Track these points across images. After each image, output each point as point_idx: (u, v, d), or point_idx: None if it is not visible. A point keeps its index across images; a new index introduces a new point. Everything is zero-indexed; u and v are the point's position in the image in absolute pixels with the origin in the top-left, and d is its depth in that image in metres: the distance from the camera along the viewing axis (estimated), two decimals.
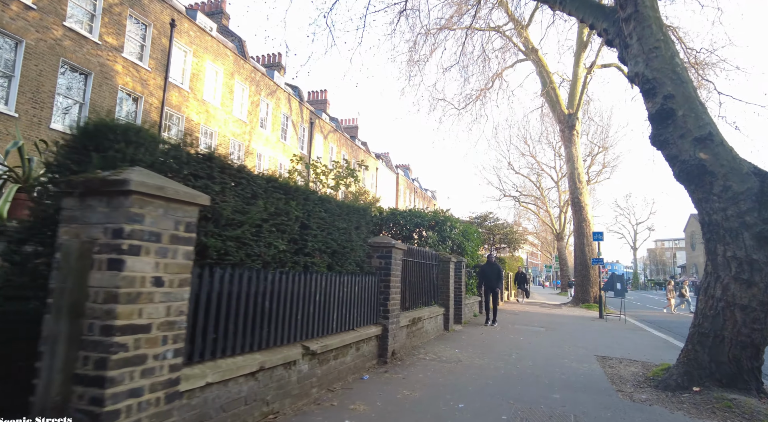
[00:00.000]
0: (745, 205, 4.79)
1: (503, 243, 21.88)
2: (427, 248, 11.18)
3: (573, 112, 21.56)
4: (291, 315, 3.81)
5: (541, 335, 9.64)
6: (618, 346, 8.54)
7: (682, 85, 5.21)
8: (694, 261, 72.49)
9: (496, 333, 9.39)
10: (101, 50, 12.93)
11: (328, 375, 4.34)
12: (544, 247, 64.13)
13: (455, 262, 10.05)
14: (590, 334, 10.34)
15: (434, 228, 11.28)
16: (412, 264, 7.43)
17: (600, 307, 15.28)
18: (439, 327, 8.79)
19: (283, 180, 4.16)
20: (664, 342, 9.74)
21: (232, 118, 18.84)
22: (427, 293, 8.46)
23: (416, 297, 7.75)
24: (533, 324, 11.91)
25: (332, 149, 28.02)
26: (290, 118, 23.46)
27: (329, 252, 4.66)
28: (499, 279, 10.56)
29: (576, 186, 20.87)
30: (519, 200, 43.33)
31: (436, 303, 8.93)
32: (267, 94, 21.40)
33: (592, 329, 11.53)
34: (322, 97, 31.69)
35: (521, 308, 17.59)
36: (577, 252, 20.66)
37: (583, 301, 19.92)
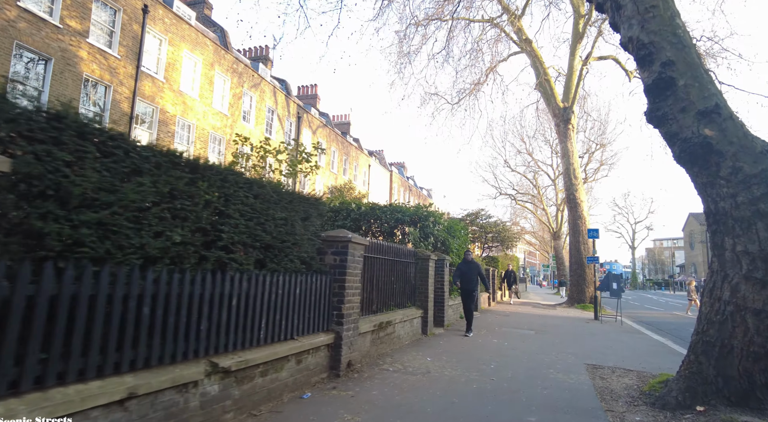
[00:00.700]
0: (759, 190, 4.01)
1: (496, 241, 21.10)
2: (409, 245, 10.42)
3: (568, 105, 20.80)
4: (190, 325, 3.02)
5: (528, 339, 8.85)
6: (611, 352, 7.77)
7: (684, 49, 4.43)
8: (692, 261, 71.89)
9: (479, 338, 8.60)
10: (63, 35, 12.11)
11: (252, 395, 3.55)
12: (541, 247, 63.45)
13: (436, 260, 9.27)
14: (583, 338, 9.56)
15: (416, 223, 10.50)
16: (381, 262, 6.65)
17: (595, 308, 14.52)
18: (416, 331, 8.00)
19: (193, 157, 3.37)
20: (662, 347, 8.97)
21: (211, 110, 18.03)
22: (401, 294, 7.68)
23: (387, 298, 6.96)
24: (522, 326, 11.13)
25: (321, 145, 27.18)
26: (276, 112, 22.66)
27: (260, 247, 3.87)
28: (476, 281, 9.29)
29: (571, 182, 20.11)
30: (515, 198, 42.61)
31: (413, 305, 8.14)
32: (250, 86, 20.59)
33: (586, 332, 10.76)
34: (312, 92, 30.88)
35: (513, 309, 16.82)
36: (572, 250, 19.89)
37: (579, 301, 19.15)
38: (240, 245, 3.64)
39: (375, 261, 6.41)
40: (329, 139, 28.10)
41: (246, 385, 3.48)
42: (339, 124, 35.41)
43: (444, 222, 11.20)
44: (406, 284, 7.92)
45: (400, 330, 7.13)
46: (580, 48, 21.76)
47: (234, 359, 3.32)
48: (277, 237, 4.05)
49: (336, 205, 10.79)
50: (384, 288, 6.79)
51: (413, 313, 7.80)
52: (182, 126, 16.77)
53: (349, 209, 10.64)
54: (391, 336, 6.69)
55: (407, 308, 7.84)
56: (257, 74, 21.05)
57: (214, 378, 3.14)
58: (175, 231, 2.99)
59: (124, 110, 14.17)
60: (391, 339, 6.69)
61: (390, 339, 6.63)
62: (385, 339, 6.44)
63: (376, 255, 6.43)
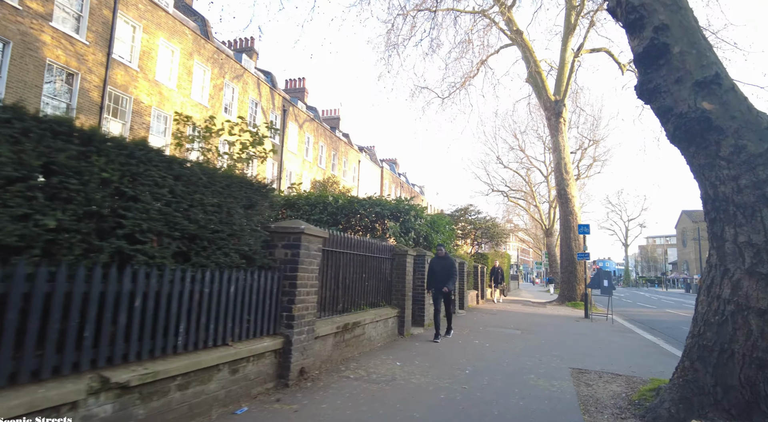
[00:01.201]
0: (765, 172, 3.47)
1: (485, 237, 20.59)
2: (392, 240, 9.86)
3: (560, 98, 20.30)
4: (67, 332, 2.42)
5: (513, 340, 8.32)
6: (601, 353, 7.25)
7: (680, 12, 3.87)
8: (685, 258, 71.98)
9: (459, 339, 8.06)
10: (22, 16, 11.39)
11: (165, 414, 2.96)
12: (535, 244, 63.21)
13: (414, 256, 8.71)
14: (571, 338, 9.05)
15: (397, 218, 9.94)
16: (348, 258, 6.07)
17: (586, 306, 14.04)
18: (391, 332, 7.44)
19: (89, 127, 2.77)
20: (653, 347, 8.48)
21: (190, 101, 17.34)
22: (374, 292, 7.11)
23: (357, 297, 6.40)
24: (509, 325, 10.61)
25: (309, 139, 26.56)
26: (260, 105, 21.98)
27: (182, 238, 3.27)
28: (450, 277, 7.96)
29: (563, 177, 19.62)
30: (507, 195, 42.22)
31: (387, 304, 7.58)
32: (233, 77, 19.89)
33: (575, 331, 10.25)
34: (300, 86, 30.20)
35: (501, 307, 16.32)
36: (563, 247, 19.43)
37: (569, 299, 18.70)
38: (152, 234, 3.04)
39: (341, 257, 5.83)
40: (317, 133, 27.45)
41: (156, 402, 2.89)
42: (328, 119, 34.76)
43: (426, 217, 10.65)
44: (380, 281, 7.35)
45: (372, 332, 6.56)
46: (572, 40, 21.27)
47: (136, 372, 2.73)
48: (205, 226, 3.46)
49: (312, 198, 10.20)
50: (353, 285, 6.21)
51: (387, 313, 7.23)
52: (158, 117, 16.07)
53: (326, 202, 10.05)
54: (360, 338, 6.12)
55: (381, 307, 7.27)
56: (240, 65, 20.36)
57: (104, 396, 2.54)
58: (50, 214, 2.39)
59: (94, 99, 13.47)
60: (360, 341, 6.12)
61: (358, 342, 6.06)
62: (352, 342, 5.87)
63: (342, 250, 5.86)
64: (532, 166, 41.65)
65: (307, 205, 10.16)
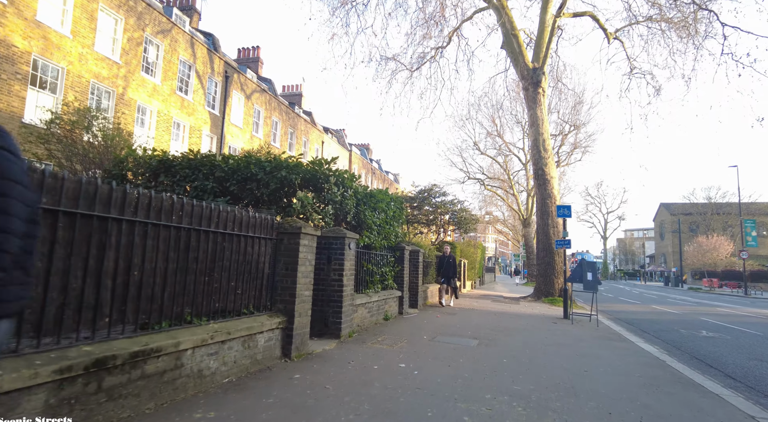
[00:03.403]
0: None
1: (453, 224, 18.04)
2: (323, 224, 7.13)
3: (539, 65, 17.78)
4: None
5: (461, 358, 5.70)
6: (588, 386, 4.68)
7: None
8: (662, 251, 71.44)
9: (382, 357, 5.39)
10: None
11: None
12: (514, 236, 61.44)
13: (318, 237, 6.01)
14: (545, 353, 6.50)
15: (312, 186, 7.20)
16: (156, 233, 3.31)
17: (565, 304, 11.61)
18: (264, 354, 4.71)
19: None
20: (660, 368, 5.98)
21: (93, 54, 14.13)
22: (232, 292, 4.37)
23: (174, 301, 3.64)
24: (465, 332, 8.02)
25: (258, 113, 23.45)
26: (194, 68, 18.81)
27: None
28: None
29: (540, 155, 17.17)
30: (484, 183, 39.86)
31: (256, 310, 4.83)
32: (156, 32, 16.69)
33: (551, 340, 7.73)
34: (254, 55, 26.98)
35: (467, 304, 13.77)
36: (540, 235, 17.02)
37: (546, 295, 16.33)
38: None
39: (132, 230, 3.06)
40: (269, 107, 24.35)
41: None
42: (289, 95, 31.64)
43: (357, 188, 7.92)
44: (246, 275, 4.60)
45: (208, 363, 3.82)
46: (553, 1, 18.74)
47: None
48: None
49: (197, 159, 7.37)
50: (156, 282, 3.45)
51: (257, 324, 4.49)
52: (44, 68, 12.86)
53: (213, 164, 7.24)
54: (167, 376, 3.37)
55: (245, 317, 4.53)
56: (166, 18, 17.15)
57: None
58: None
59: None
60: (166, 383, 3.37)
61: (160, 386, 3.31)
62: (138, 390, 3.12)
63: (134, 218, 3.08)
64: (510, 152, 39.38)
65: (188, 167, 7.34)
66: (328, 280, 6.49)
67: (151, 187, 7.45)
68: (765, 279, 41.18)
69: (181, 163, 7.40)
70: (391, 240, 9.45)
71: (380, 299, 8.52)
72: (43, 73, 12.85)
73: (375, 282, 8.57)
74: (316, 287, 6.54)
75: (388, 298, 9.07)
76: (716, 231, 55.56)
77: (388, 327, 8.12)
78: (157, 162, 7.55)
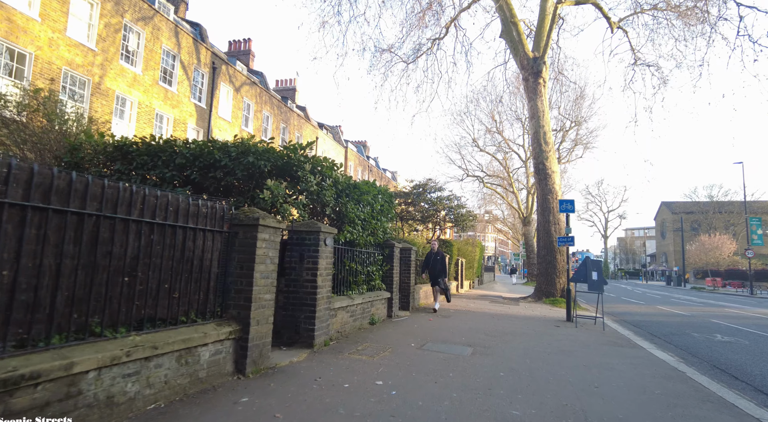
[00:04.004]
0: None
1: (450, 221, 17.20)
2: (299, 218, 6.33)
3: (539, 55, 16.96)
4: None
5: (450, 372, 4.89)
6: (597, 406, 3.87)
7: None
8: (663, 251, 70.66)
9: (356, 373, 4.57)
10: None
11: None
12: (514, 235, 60.63)
13: (288, 231, 5.20)
14: (547, 363, 5.68)
15: (287, 174, 6.38)
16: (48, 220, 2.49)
17: (568, 306, 10.80)
18: (210, 371, 3.90)
19: None
20: (681, 381, 5.17)
21: (65, 39, 13.29)
22: (154, 295, 3.55)
23: (77, 307, 2.83)
24: (458, 339, 7.20)
25: (248, 106, 22.61)
26: (179, 58, 17.97)
27: None
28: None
29: (541, 148, 16.35)
30: (483, 181, 39.02)
31: (201, 318, 4.01)
32: (136, 18, 15.84)
33: (554, 348, 6.91)
34: (245, 47, 26.14)
35: (463, 305, 12.95)
36: (540, 232, 16.21)
37: (548, 295, 15.53)
38: None
39: None
40: (260, 100, 23.50)
41: None
42: (283, 89, 30.80)
43: (338, 177, 7.10)
44: (186, 275, 3.79)
45: (123, 385, 3.00)
46: None
47: None
48: None
49: (157, 144, 6.54)
50: (42, 285, 2.64)
51: (196, 336, 3.68)
52: (8, 53, 12.02)
53: (173, 150, 6.42)
54: (30, 416, 2.55)
55: (183, 326, 3.72)
56: (148, 5, 16.30)
57: None
58: None
59: None
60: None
61: None
62: None
63: None
64: (510, 149, 38.56)
65: (147, 154, 6.51)
66: (300, 281, 5.67)
67: (106, 176, 6.63)
68: None
69: (139, 149, 6.58)
70: (379, 237, 8.64)
71: (365, 301, 7.71)
72: (8, 59, 12.01)
73: (359, 282, 7.75)
74: (287, 289, 5.74)
75: (374, 300, 8.25)
76: (718, 229, 54.78)
77: (373, 332, 7.30)
78: (113, 148, 6.73)
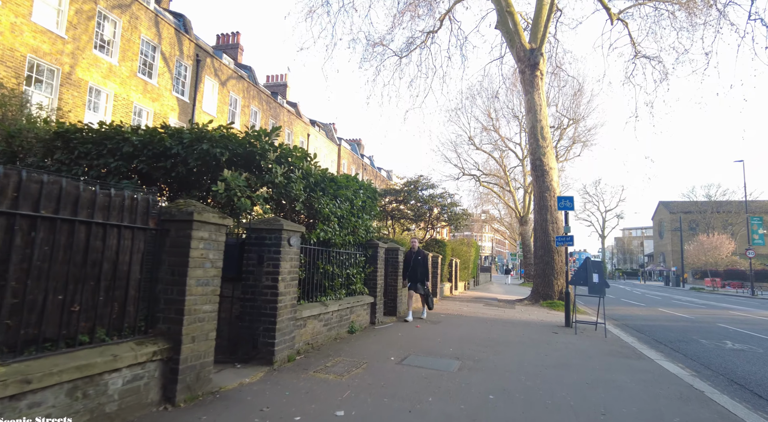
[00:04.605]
0: None
1: (443, 220, 16.43)
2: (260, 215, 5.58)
3: (536, 46, 16.22)
4: None
5: (431, 395, 4.12)
6: None
7: None
8: (661, 250, 70.16)
9: (315, 399, 3.79)
10: None
11: None
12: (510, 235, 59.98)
13: (225, 227, 4.45)
14: (543, 381, 4.92)
15: (253, 167, 5.61)
16: None
17: (567, 310, 10.06)
18: (123, 400, 3.11)
19: None
20: (699, 401, 4.42)
21: (30, 25, 12.45)
22: (38, 309, 2.76)
23: None
24: (445, 350, 6.42)
25: (235, 101, 21.79)
26: (159, 49, 17.14)
27: None
28: None
29: (538, 143, 15.61)
30: (480, 179, 38.30)
31: (116, 335, 3.22)
32: (112, 6, 15.01)
33: (552, 359, 6.15)
34: (234, 41, 25.31)
35: (455, 309, 12.17)
36: (537, 232, 15.48)
37: (545, 297, 14.78)
38: None
39: None
40: (248, 95, 22.68)
41: None
42: (274, 85, 29.99)
43: (311, 169, 6.31)
44: (92, 283, 3.00)
45: None
46: None
47: None
48: None
49: (102, 130, 5.75)
50: None
51: (100, 360, 2.89)
52: None
53: (121, 138, 5.62)
54: None
55: (87, 348, 2.93)
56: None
57: None
58: None
59: None
60: None
61: None
62: None
63: None
64: (507, 147, 37.86)
65: (91, 142, 5.72)
66: (258, 287, 4.89)
67: (46, 166, 5.84)
68: None
69: (83, 137, 5.79)
70: (360, 236, 7.86)
71: (342, 308, 6.93)
72: None
73: (336, 287, 6.97)
74: (244, 297, 4.96)
75: (354, 306, 7.48)
76: (716, 229, 54.24)
77: (350, 343, 6.52)
78: (53, 134, 5.93)
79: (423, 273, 9.74)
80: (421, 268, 9.77)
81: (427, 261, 10.15)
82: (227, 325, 5.03)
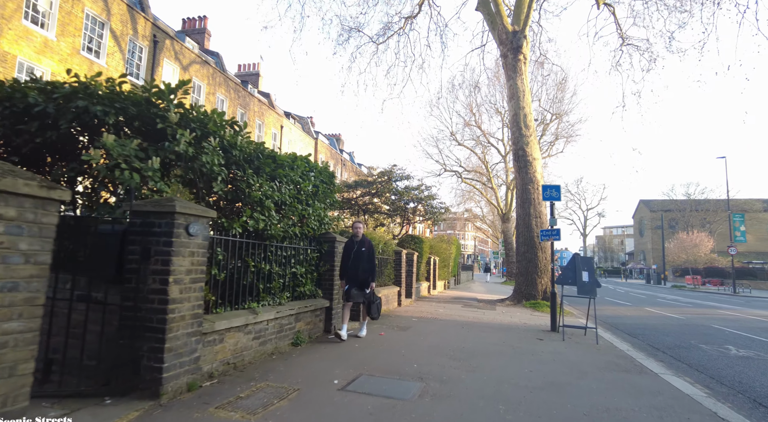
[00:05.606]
0: None
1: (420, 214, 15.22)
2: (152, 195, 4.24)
3: (519, 29, 15.15)
4: None
5: None
6: None
7: None
8: (642, 249, 70.55)
9: None
10: None
11: None
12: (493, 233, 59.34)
13: (56, 202, 3.22)
14: (526, 413, 3.71)
15: (147, 132, 4.27)
16: None
17: (553, 313, 8.95)
18: None
19: None
20: None
21: None
22: None
23: None
24: (410, 365, 5.18)
25: (199, 88, 20.21)
26: (108, 26, 15.50)
27: None
28: None
29: (521, 132, 14.53)
30: (462, 176, 37.33)
31: None
32: None
33: (538, 377, 4.96)
34: (200, 26, 23.68)
35: (430, 311, 10.96)
36: (520, 227, 14.40)
37: (528, 297, 13.72)
38: None
39: None
40: (213, 82, 21.11)
41: None
42: (246, 74, 28.40)
43: (235, 140, 4.98)
44: None
45: None
46: None
47: None
48: None
49: None
50: None
51: None
52: None
53: None
54: None
55: None
56: None
57: None
58: None
59: None
60: None
61: None
62: None
63: None
64: (489, 143, 36.94)
65: None
66: (143, 292, 3.57)
67: None
68: (749, 276, 39.84)
69: None
70: (311, 228, 6.56)
71: (283, 316, 5.63)
72: None
73: (275, 290, 5.65)
74: (125, 305, 3.63)
75: (301, 312, 6.19)
76: (695, 227, 54.49)
77: (288, 360, 5.22)
78: None
79: (367, 271, 6.95)
80: (365, 264, 6.94)
81: (374, 255, 7.16)
82: (105, 343, 3.69)
